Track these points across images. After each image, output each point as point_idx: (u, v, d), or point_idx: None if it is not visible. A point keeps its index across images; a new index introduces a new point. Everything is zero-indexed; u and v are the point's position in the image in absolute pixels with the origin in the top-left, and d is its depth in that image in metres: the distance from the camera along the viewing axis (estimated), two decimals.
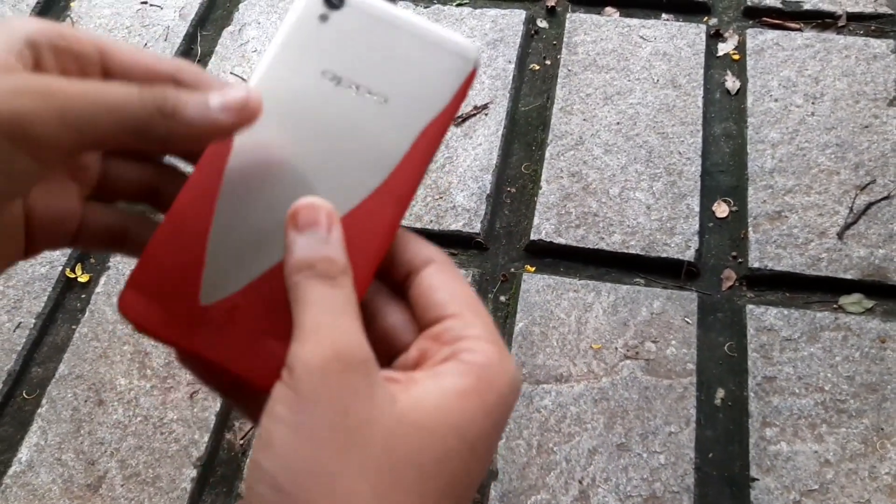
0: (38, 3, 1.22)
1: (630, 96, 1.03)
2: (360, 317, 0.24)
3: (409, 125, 0.27)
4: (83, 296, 0.93)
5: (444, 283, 0.26)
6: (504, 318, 0.88)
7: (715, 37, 1.09)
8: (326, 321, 0.23)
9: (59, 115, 0.22)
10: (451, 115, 0.27)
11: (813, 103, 1.00)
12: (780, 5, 1.10)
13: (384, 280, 0.27)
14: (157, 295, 0.26)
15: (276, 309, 0.25)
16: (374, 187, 0.27)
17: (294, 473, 0.21)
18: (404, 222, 0.28)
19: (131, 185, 0.30)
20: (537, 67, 1.09)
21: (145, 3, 1.21)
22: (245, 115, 0.25)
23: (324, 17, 0.28)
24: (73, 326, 0.91)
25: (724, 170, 0.97)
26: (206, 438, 0.81)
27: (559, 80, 1.06)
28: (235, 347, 0.25)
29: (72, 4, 1.22)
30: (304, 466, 0.21)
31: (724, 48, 1.08)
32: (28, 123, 0.22)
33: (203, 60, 1.14)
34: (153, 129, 0.24)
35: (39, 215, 0.27)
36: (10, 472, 0.81)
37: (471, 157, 0.99)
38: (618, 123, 1.01)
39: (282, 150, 0.27)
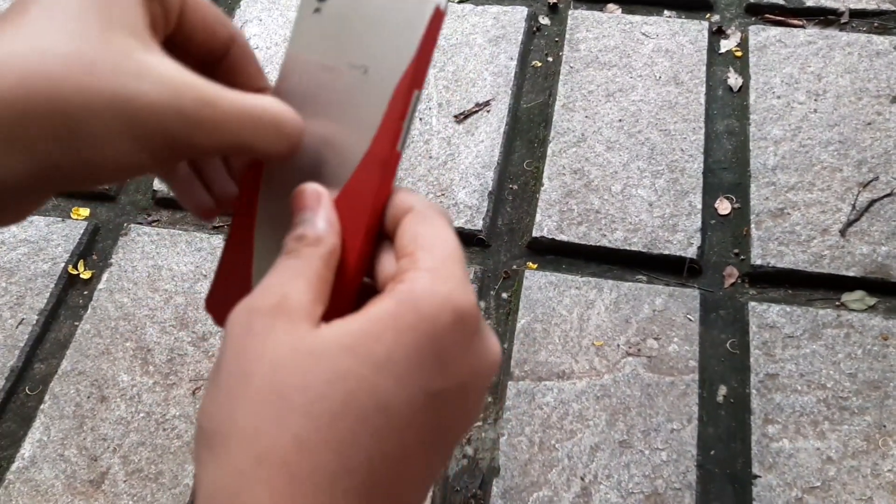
0: None
1: (632, 93, 1.03)
2: (311, 277, 0.25)
3: (383, 87, 0.27)
4: (85, 292, 0.93)
5: (410, 228, 0.26)
6: (506, 314, 0.88)
7: (717, 34, 1.09)
8: (263, 283, 0.25)
9: (209, 129, 0.25)
10: (422, 65, 0.27)
11: (815, 100, 1.00)
12: (782, 2, 1.10)
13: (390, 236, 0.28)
14: (226, 291, 0.30)
15: None
16: (360, 157, 0.28)
17: (207, 412, 0.24)
18: None
19: None
20: (539, 64, 1.09)
21: None
22: (285, 146, 0.29)
23: (317, 10, 0.29)
24: (76, 323, 0.91)
25: (727, 167, 0.97)
26: None
27: (561, 76, 1.06)
28: None
29: None
30: (212, 405, 0.24)
31: (726, 45, 1.08)
32: (180, 124, 0.24)
33: None
34: (253, 150, 0.27)
35: None
36: (13, 468, 0.81)
37: (472, 154, 0.99)
38: (620, 120, 1.01)
39: (299, 154, 0.30)
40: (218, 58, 0.30)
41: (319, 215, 0.27)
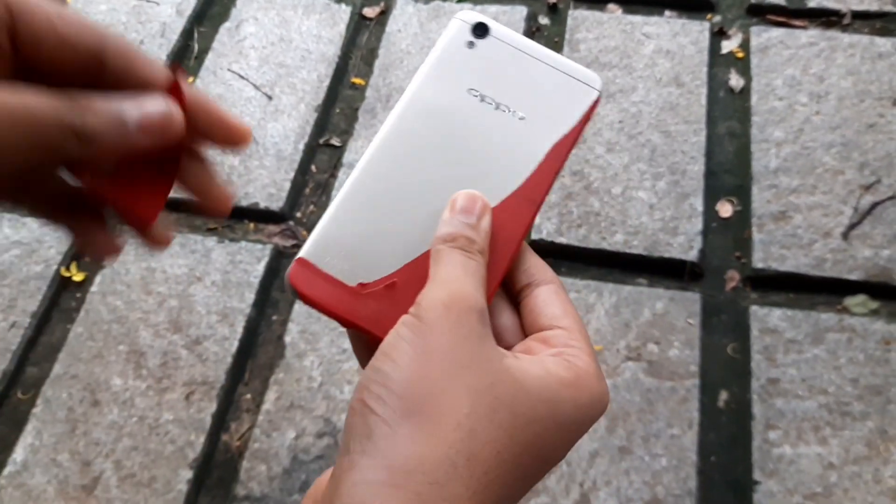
0: None
1: (633, 94, 1.02)
2: (484, 287, 0.28)
3: (543, 139, 0.32)
4: (78, 295, 0.92)
5: (559, 301, 0.29)
6: None
7: (719, 34, 1.08)
8: (455, 275, 0.27)
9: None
10: (578, 134, 0.32)
11: (817, 102, 0.99)
12: (784, 3, 1.09)
13: (502, 286, 0.31)
14: (321, 270, 0.30)
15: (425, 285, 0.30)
16: (512, 189, 0.31)
17: (406, 381, 0.25)
18: None
19: None
20: None
21: None
22: (168, 135, 0.26)
23: (471, 44, 0.33)
24: (68, 326, 0.90)
25: (728, 169, 0.96)
26: (201, 440, 0.80)
27: None
28: (389, 317, 0.28)
29: (68, 0, 1.21)
30: (415, 377, 0.25)
31: (727, 46, 1.07)
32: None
33: (200, 57, 1.12)
34: (68, 152, 0.24)
35: None
36: (6, 472, 0.80)
37: None
38: (620, 122, 1.00)
39: (433, 154, 0.32)
40: (96, 65, 0.27)
41: (485, 228, 0.29)
